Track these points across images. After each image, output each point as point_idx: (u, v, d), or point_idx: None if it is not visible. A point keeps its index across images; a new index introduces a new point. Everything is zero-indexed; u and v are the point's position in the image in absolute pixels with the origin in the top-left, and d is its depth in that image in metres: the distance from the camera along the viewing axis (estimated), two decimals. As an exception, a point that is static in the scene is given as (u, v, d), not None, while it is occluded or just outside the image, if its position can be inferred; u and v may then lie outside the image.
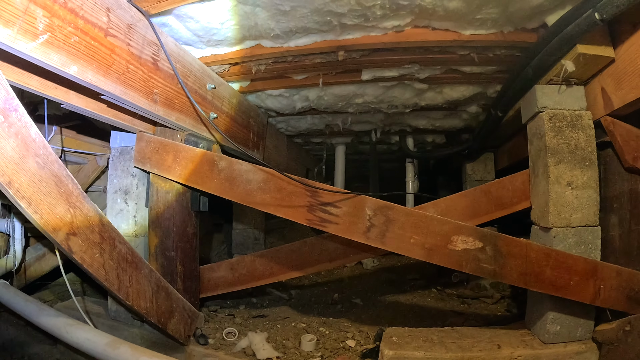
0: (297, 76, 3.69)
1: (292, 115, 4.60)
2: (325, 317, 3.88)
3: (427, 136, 5.77)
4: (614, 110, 2.72)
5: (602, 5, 2.12)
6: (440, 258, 2.68)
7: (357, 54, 3.21)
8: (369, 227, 2.72)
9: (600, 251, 2.84)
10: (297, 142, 5.89)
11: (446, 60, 3.34)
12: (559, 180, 2.79)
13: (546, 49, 2.63)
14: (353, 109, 4.39)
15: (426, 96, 4.11)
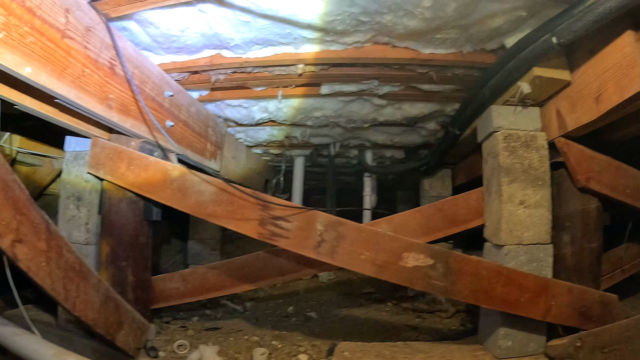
0: (257, 87, 3.68)
1: (251, 126, 4.57)
2: (278, 331, 3.84)
3: (386, 151, 5.80)
4: (568, 132, 2.80)
5: (559, 30, 2.19)
6: (390, 275, 2.69)
7: (316, 67, 3.22)
8: (320, 243, 2.71)
9: (553, 268, 2.92)
10: (256, 152, 5.84)
11: (405, 78, 3.37)
12: (512, 199, 2.85)
13: (503, 70, 2.69)
14: (312, 122, 4.40)
15: (385, 112, 4.14)
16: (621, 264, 3.92)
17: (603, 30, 2.33)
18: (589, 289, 2.85)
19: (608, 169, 2.96)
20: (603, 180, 2.93)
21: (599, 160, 2.94)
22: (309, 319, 4.39)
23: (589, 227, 3.04)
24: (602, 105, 2.44)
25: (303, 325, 4.14)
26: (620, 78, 2.25)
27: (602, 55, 2.40)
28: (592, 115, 2.53)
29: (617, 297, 2.91)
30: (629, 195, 3.03)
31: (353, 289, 5.54)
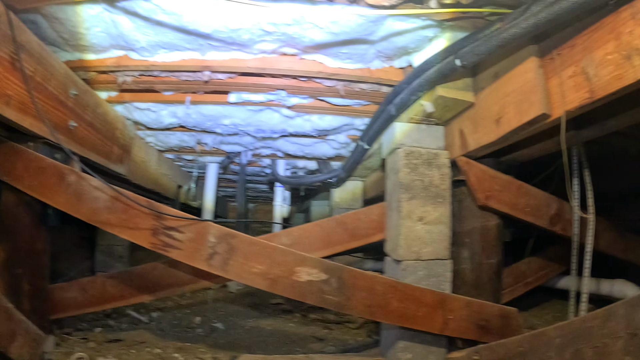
0: (165, 92, 3.56)
1: (161, 130, 4.42)
2: (182, 342, 3.72)
3: (299, 161, 5.77)
4: (469, 152, 2.86)
5: (463, 53, 2.22)
6: (283, 289, 2.65)
7: (223, 75, 3.15)
8: (212, 255, 2.63)
9: (452, 283, 2.97)
10: (168, 157, 5.65)
11: (313, 90, 3.35)
12: (411, 215, 2.88)
13: (409, 88, 2.72)
14: (221, 130, 4.31)
15: (294, 123, 4.11)
16: (524, 277, 4.06)
17: (508, 56, 2.42)
18: (488, 303, 2.91)
19: (509, 188, 3.05)
20: (503, 199, 3.02)
21: (500, 180, 3.03)
22: (215, 330, 4.29)
23: (488, 243, 3.12)
24: (501, 128, 2.50)
25: (208, 337, 4.04)
26: (521, 102, 2.32)
27: (506, 79, 2.46)
28: (492, 137, 2.60)
29: (517, 310, 2.96)
30: (529, 213, 3.13)
31: (262, 300, 5.47)
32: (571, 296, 3.25)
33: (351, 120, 4.05)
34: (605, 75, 1.84)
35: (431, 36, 2.66)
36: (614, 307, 1.89)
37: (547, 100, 2.18)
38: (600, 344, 1.90)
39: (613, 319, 1.87)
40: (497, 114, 2.53)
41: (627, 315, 1.81)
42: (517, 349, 2.38)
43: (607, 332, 1.88)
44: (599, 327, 1.93)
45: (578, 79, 2.01)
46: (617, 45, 1.77)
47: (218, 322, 4.49)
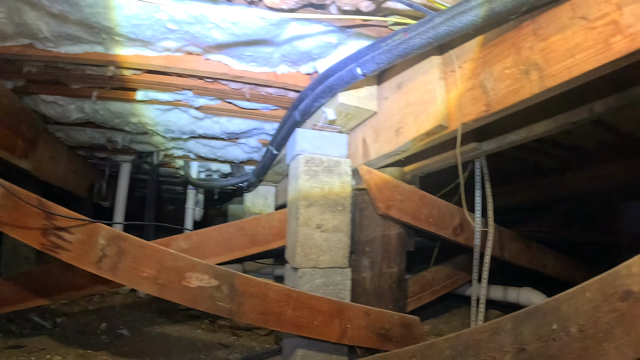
0: (73, 85, 3.41)
1: (70, 125, 4.24)
2: (84, 349, 3.57)
3: (212, 164, 5.71)
4: (370, 160, 2.86)
5: (364, 61, 2.21)
6: (173, 294, 2.55)
7: (128, 71, 3.06)
8: (101, 258, 2.50)
9: (352, 292, 2.96)
10: (80, 154, 5.45)
11: (219, 92, 3.30)
12: (309, 222, 2.85)
13: (312, 94, 2.68)
14: (130, 128, 4.18)
15: (203, 125, 4.06)
16: (431, 286, 4.11)
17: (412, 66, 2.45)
18: (388, 311, 2.90)
19: (411, 198, 3.07)
20: (405, 208, 3.03)
21: (402, 189, 3.04)
22: (119, 336, 4.13)
23: (389, 252, 3.13)
24: (400, 138, 2.52)
25: (112, 344, 3.89)
26: (420, 113, 2.34)
27: (408, 90, 2.48)
28: (392, 147, 2.61)
29: (418, 319, 2.99)
30: (431, 223, 3.16)
31: (171, 305, 5.29)
32: (473, 304, 3.31)
33: (261, 125, 4.03)
34: (502, 89, 1.87)
35: (335, 43, 2.66)
36: (502, 321, 1.90)
37: (445, 112, 2.21)
38: (489, 357, 1.91)
39: (501, 333, 1.88)
40: (397, 124, 2.55)
41: (515, 329, 1.82)
42: (410, 359, 2.37)
43: (494, 345, 1.90)
44: (486, 341, 1.94)
45: (476, 92, 2.04)
46: (516, 59, 1.81)
47: (124, 328, 4.33)
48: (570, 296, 1.62)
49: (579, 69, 1.54)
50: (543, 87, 1.69)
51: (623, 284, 1.45)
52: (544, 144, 4.52)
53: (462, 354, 2.07)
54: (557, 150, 4.83)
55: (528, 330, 1.77)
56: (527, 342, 1.76)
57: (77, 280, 3.23)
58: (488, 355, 1.92)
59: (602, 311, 1.50)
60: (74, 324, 4.41)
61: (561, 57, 1.60)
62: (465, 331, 2.12)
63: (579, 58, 1.54)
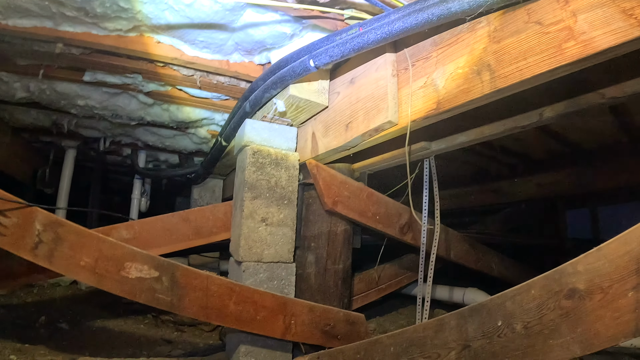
0: (19, 61, 3.25)
1: (15, 105, 4.07)
2: (22, 343, 3.39)
3: (161, 154, 5.61)
4: (319, 155, 2.84)
5: (317, 54, 2.18)
6: (112, 285, 2.45)
7: (77, 50, 2.93)
8: (37, 244, 2.38)
9: (297, 287, 2.93)
10: (24, 137, 5.23)
11: (169, 77, 3.22)
12: (253, 215, 2.80)
13: (263, 85, 2.64)
14: (76, 111, 4.02)
15: (152, 111, 3.96)
16: (377, 284, 4.11)
17: (365, 62, 2.44)
18: (333, 308, 2.89)
19: (358, 195, 3.08)
20: (352, 205, 3.03)
21: (350, 186, 3.04)
22: (59, 330, 3.98)
23: (335, 248, 3.13)
24: (349, 133, 2.51)
25: (51, 338, 3.74)
26: (370, 109, 2.33)
27: (360, 85, 2.47)
28: (341, 141, 2.60)
29: (363, 316, 3.00)
30: (378, 221, 3.17)
31: (114, 299, 5.15)
32: (418, 303, 3.33)
33: (211, 115, 3.97)
34: (454, 88, 1.89)
35: (290, 33, 2.64)
36: (446, 318, 1.90)
37: (395, 108, 2.21)
38: (433, 355, 1.92)
39: (445, 330, 1.89)
40: (348, 119, 2.54)
41: (459, 326, 1.83)
42: (355, 355, 2.37)
43: (439, 342, 1.91)
44: (431, 338, 1.95)
45: (427, 90, 2.05)
46: (469, 59, 1.83)
47: (63, 322, 4.19)
48: (515, 293, 1.64)
49: (530, 71, 1.58)
50: (494, 87, 1.72)
51: (568, 282, 1.47)
52: (494, 150, 4.61)
53: (406, 350, 2.07)
54: (506, 157, 4.94)
55: (473, 327, 1.78)
56: (471, 338, 1.77)
57: (14, 268, 3.11)
58: (433, 352, 1.93)
59: (547, 308, 1.52)
60: (11, 316, 4.24)
61: (514, 59, 1.63)
62: (409, 328, 2.13)
63: (531, 61, 1.57)
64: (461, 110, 1.97)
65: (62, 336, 3.83)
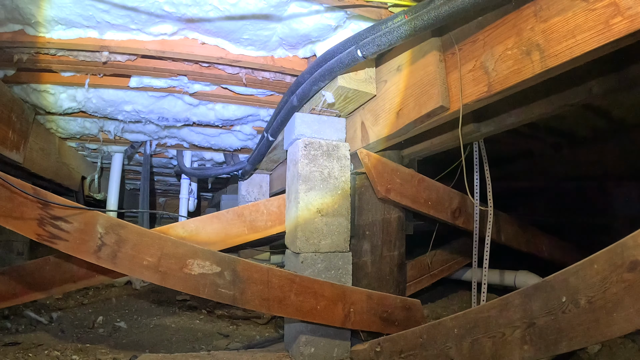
0: (64, 72, 3.34)
1: (61, 116, 4.16)
2: (82, 343, 3.51)
3: (206, 153, 5.65)
4: (370, 144, 2.84)
5: (364, 44, 2.17)
6: (175, 282, 2.51)
7: (122, 57, 2.99)
8: (100, 247, 2.46)
9: (353, 276, 2.95)
10: (71, 146, 5.34)
11: (215, 77, 3.25)
12: (309, 207, 2.83)
13: (311, 78, 2.65)
14: (123, 117, 4.10)
15: (197, 112, 4.00)
16: (429, 270, 4.10)
17: (411, 49, 2.43)
18: (390, 295, 2.92)
19: (410, 182, 3.07)
20: (404, 192, 3.03)
21: (401, 173, 3.04)
22: (117, 329, 4.10)
23: (389, 236, 3.13)
24: (400, 120, 2.50)
25: (110, 337, 3.86)
26: (420, 95, 2.32)
27: (408, 72, 2.46)
28: (392, 129, 2.59)
29: (420, 302, 3.01)
30: (430, 207, 3.17)
31: (167, 296, 5.29)
32: (473, 287, 3.32)
33: (256, 111, 3.99)
34: (504, 70, 1.87)
35: (334, 25, 2.63)
36: (510, 297, 1.90)
37: (445, 93, 2.20)
38: (498, 334, 1.92)
39: (510, 309, 1.88)
40: (397, 106, 2.53)
41: (524, 304, 1.82)
42: (417, 339, 2.38)
43: (503, 321, 1.90)
44: (495, 317, 1.94)
45: (477, 73, 2.03)
46: (517, 41, 1.81)
47: (121, 321, 4.30)
48: (578, 268, 1.62)
49: (580, 49, 1.55)
50: (545, 67, 1.69)
51: (630, 255, 1.45)
52: (538, 130, 4.53)
53: (470, 331, 2.07)
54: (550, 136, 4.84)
55: (537, 304, 1.77)
56: (536, 316, 1.76)
57: (74, 271, 3.19)
58: (497, 331, 1.93)
59: (610, 282, 1.50)
60: (70, 318, 4.37)
61: (562, 38, 1.61)
62: (473, 309, 2.12)
63: (579, 39, 1.55)
64: (513, 92, 1.95)
65: (121, 335, 3.94)
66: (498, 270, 4.29)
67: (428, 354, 2.30)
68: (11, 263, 5.04)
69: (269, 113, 3.96)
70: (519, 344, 1.83)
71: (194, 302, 4.98)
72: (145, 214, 5.39)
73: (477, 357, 2.02)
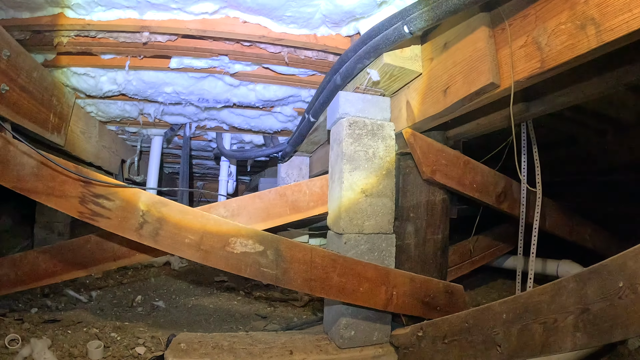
0: (104, 55, 3.37)
1: (101, 99, 4.20)
2: (121, 322, 3.56)
3: (245, 135, 5.63)
4: (415, 123, 2.77)
5: (411, 19, 2.12)
6: (217, 261, 2.49)
7: (162, 37, 2.98)
8: (142, 224, 2.46)
9: (396, 258, 2.90)
10: (110, 129, 5.39)
11: (256, 56, 3.22)
12: (353, 187, 2.77)
13: (355, 56, 2.59)
14: (163, 99, 4.11)
15: (238, 92, 3.98)
16: (470, 256, 4.03)
17: (459, 25, 2.35)
18: (433, 279, 2.87)
19: (456, 163, 3.00)
20: (450, 173, 2.96)
21: (447, 154, 2.97)
22: (155, 308, 4.15)
23: (433, 218, 3.06)
24: (448, 98, 2.43)
25: (149, 316, 3.91)
26: (469, 72, 2.25)
27: (455, 49, 2.38)
28: (439, 108, 2.51)
29: (462, 287, 2.96)
30: (475, 190, 3.09)
31: (205, 277, 5.35)
32: (518, 274, 3.24)
33: (297, 91, 3.95)
34: (558, 45, 1.79)
35: (379, 1, 2.57)
36: (564, 281, 1.81)
37: (496, 70, 2.12)
38: (550, 320, 1.84)
39: (563, 294, 1.80)
40: (444, 84, 2.45)
41: (578, 289, 1.74)
42: (462, 324, 2.32)
43: (556, 307, 1.82)
44: (547, 302, 1.87)
45: (529, 49, 1.96)
46: (571, 14, 1.73)
47: (159, 300, 4.35)
48: (637, 252, 1.53)
49: (637, 22, 1.47)
50: (601, 41, 1.61)
51: None
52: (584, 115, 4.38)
53: (520, 317, 2.00)
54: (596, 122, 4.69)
55: (592, 289, 1.68)
56: (591, 301, 1.67)
57: (115, 250, 3.22)
58: (549, 317, 1.85)
59: None
60: (109, 297, 4.44)
61: (618, 11, 1.53)
62: (524, 293, 2.04)
63: (636, 12, 1.47)
64: (567, 68, 1.86)
65: (159, 314, 3.99)
66: (540, 259, 4.19)
67: (473, 340, 2.23)
68: (52, 244, 5.12)
69: (310, 94, 3.91)
70: (571, 331, 1.74)
71: (232, 283, 5.01)
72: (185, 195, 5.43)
73: (526, 343, 1.95)
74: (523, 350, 1.97)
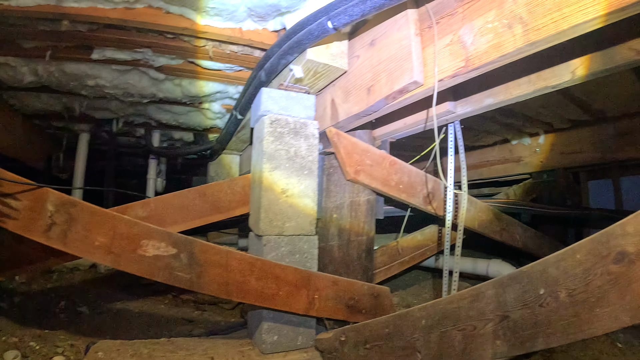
0: (25, 44, 3.18)
1: (24, 91, 4.01)
2: (42, 329, 3.37)
3: (175, 133, 5.52)
4: (339, 122, 2.74)
5: (335, 14, 2.07)
6: (129, 264, 2.37)
7: (83, 26, 2.84)
8: (50, 225, 2.31)
9: (319, 261, 2.85)
10: (37, 124, 5.16)
11: (180, 50, 3.12)
12: (273, 187, 2.71)
13: (279, 51, 2.53)
14: (87, 92, 3.96)
15: (164, 87, 3.87)
16: (400, 256, 4.02)
17: (386, 22, 2.33)
18: (357, 281, 2.82)
19: (381, 164, 2.98)
20: (374, 174, 2.94)
21: (372, 154, 2.95)
22: (79, 314, 3.97)
23: (358, 219, 3.04)
24: (372, 97, 2.42)
25: (71, 323, 3.73)
26: (394, 70, 2.24)
27: (381, 46, 2.36)
28: (362, 106, 2.50)
29: (388, 289, 2.93)
30: (402, 191, 3.08)
31: (133, 280, 5.13)
32: (444, 275, 3.24)
33: (225, 88, 3.87)
34: (484, 44, 1.79)
35: (299, -6, 2.52)
36: (482, 287, 1.81)
37: (420, 68, 2.12)
38: (468, 327, 1.83)
39: (482, 300, 1.79)
40: (369, 82, 2.44)
41: (497, 295, 1.73)
42: (383, 330, 2.29)
43: (474, 313, 1.82)
44: (466, 309, 1.86)
45: (454, 48, 1.96)
46: (499, 13, 1.73)
47: (83, 306, 4.17)
48: (559, 258, 1.53)
49: (566, 22, 1.47)
50: (527, 41, 1.61)
51: (617, 245, 1.36)
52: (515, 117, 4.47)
53: (439, 323, 1.98)
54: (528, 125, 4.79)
55: (512, 295, 1.68)
56: (511, 308, 1.67)
57: (29, 253, 3.04)
58: (468, 324, 1.84)
59: (594, 274, 1.42)
60: (32, 303, 4.23)
61: (547, 10, 1.53)
62: (443, 299, 2.03)
63: (566, 11, 1.47)
64: (492, 67, 1.86)
65: (82, 320, 3.83)
66: (471, 259, 4.24)
67: (394, 346, 2.21)
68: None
69: (238, 90, 3.84)
70: (491, 339, 1.74)
71: (160, 286, 4.84)
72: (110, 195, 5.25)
73: (446, 350, 1.93)
74: (443, 357, 1.95)
